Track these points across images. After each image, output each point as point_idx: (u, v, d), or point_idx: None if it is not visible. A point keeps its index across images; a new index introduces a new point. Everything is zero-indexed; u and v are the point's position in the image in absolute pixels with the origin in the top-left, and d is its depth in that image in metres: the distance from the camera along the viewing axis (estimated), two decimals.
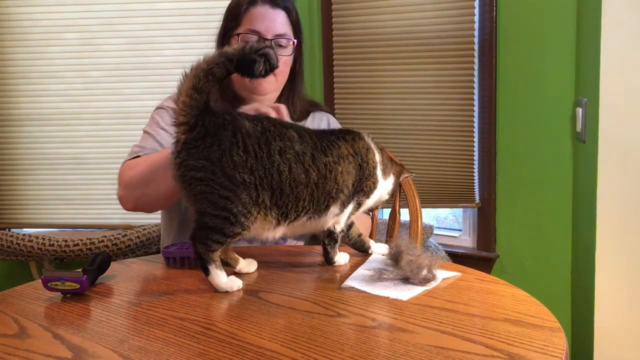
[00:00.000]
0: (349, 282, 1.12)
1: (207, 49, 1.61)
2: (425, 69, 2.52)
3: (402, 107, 2.59)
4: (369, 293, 1.07)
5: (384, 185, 1.26)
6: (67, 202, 2.99)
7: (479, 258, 2.56)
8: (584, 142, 2.09)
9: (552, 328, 0.91)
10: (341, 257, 1.25)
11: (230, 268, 1.19)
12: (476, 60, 2.43)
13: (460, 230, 2.74)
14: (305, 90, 1.69)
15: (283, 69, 1.56)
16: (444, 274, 1.15)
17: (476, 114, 2.47)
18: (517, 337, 0.87)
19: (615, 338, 1.94)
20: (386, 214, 2.20)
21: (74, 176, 2.97)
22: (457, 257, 2.50)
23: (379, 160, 1.24)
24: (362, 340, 0.89)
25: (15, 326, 0.99)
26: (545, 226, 2.42)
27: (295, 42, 1.56)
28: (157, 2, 2.83)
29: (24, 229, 3.04)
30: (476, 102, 2.46)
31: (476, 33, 2.41)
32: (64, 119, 2.93)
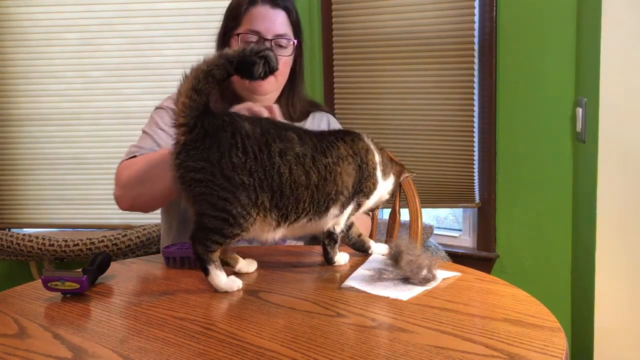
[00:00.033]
0: (349, 282, 1.12)
1: (207, 49, 1.61)
2: (425, 69, 2.52)
3: (402, 107, 2.59)
4: (369, 293, 1.07)
5: (384, 186, 1.26)
6: (67, 202, 2.99)
7: (479, 258, 2.56)
8: (584, 142, 2.09)
9: (552, 328, 0.91)
10: (341, 257, 1.25)
11: (230, 268, 1.19)
12: (476, 60, 2.43)
13: (460, 230, 2.74)
14: (305, 91, 1.69)
15: (283, 69, 1.56)
16: (444, 274, 1.15)
17: (476, 114, 2.47)
18: (517, 337, 0.87)
19: (615, 338, 1.94)
20: (386, 214, 2.20)
21: (74, 176, 2.97)
22: (457, 257, 2.50)
23: (378, 161, 1.24)
24: (362, 340, 0.89)
25: (15, 326, 0.98)
26: (545, 226, 2.42)
27: (295, 42, 1.56)
28: (157, 2, 2.83)
29: (24, 229, 3.04)
30: (476, 102, 2.47)
31: (476, 33, 2.41)
32: (64, 119, 2.93)
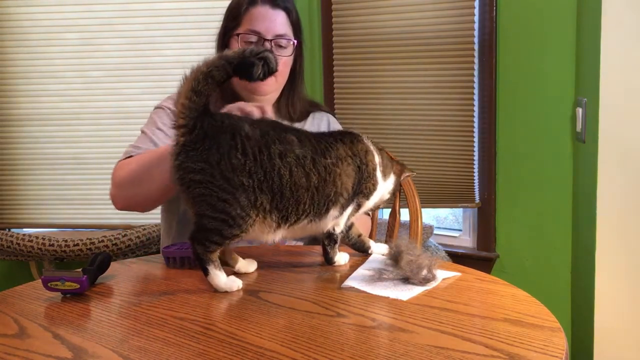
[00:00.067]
0: (349, 282, 1.12)
1: (207, 49, 1.62)
2: (425, 69, 2.52)
3: (402, 107, 2.59)
4: (369, 293, 1.07)
5: (385, 186, 1.26)
6: (67, 202, 2.99)
7: (479, 258, 2.56)
8: (584, 142, 2.09)
9: (552, 328, 0.91)
10: (341, 257, 1.25)
11: (230, 268, 1.19)
12: (476, 60, 2.43)
13: (460, 230, 2.74)
14: (305, 91, 1.69)
15: (283, 69, 1.56)
16: (444, 274, 1.15)
17: (476, 114, 2.47)
18: (517, 337, 0.87)
19: (615, 338, 1.94)
20: (386, 214, 2.20)
21: (74, 176, 2.97)
22: (457, 257, 2.50)
23: (378, 162, 1.24)
24: (362, 340, 0.89)
25: (15, 326, 0.98)
26: (545, 226, 2.42)
27: (295, 42, 1.56)
28: (157, 2, 2.83)
29: (24, 229, 3.04)
30: (476, 102, 2.47)
31: (476, 33, 2.41)
32: (64, 119, 2.93)
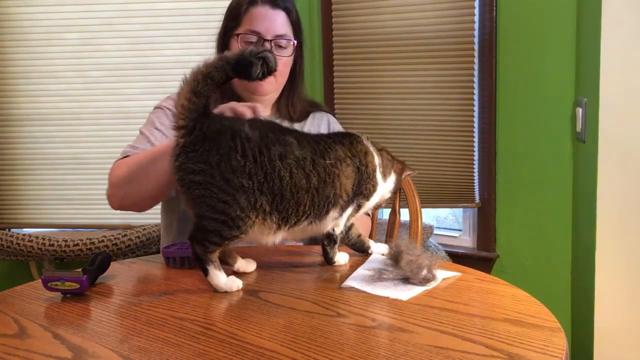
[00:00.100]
0: (349, 282, 1.12)
1: (207, 49, 1.62)
2: (425, 69, 2.52)
3: (402, 107, 2.59)
4: (369, 293, 1.07)
5: (385, 187, 1.26)
6: (67, 202, 2.99)
7: (479, 258, 2.56)
8: (584, 142, 2.09)
9: (552, 328, 0.91)
10: (341, 257, 1.25)
11: (229, 267, 1.19)
12: (476, 60, 2.43)
13: (460, 230, 2.74)
14: (305, 91, 1.69)
15: (283, 69, 1.56)
16: (444, 274, 1.15)
17: (476, 114, 2.47)
18: (517, 337, 0.87)
19: (615, 338, 1.94)
20: (386, 214, 2.20)
21: (74, 176, 2.97)
22: (457, 257, 2.50)
23: (378, 163, 1.23)
24: (362, 340, 0.89)
25: (15, 326, 0.99)
26: (545, 226, 2.42)
27: (295, 42, 1.56)
28: (157, 2, 2.83)
29: (24, 229, 3.03)
30: (476, 102, 2.46)
31: (476, 33, 2.41)
32: (64, 119, 2.93)
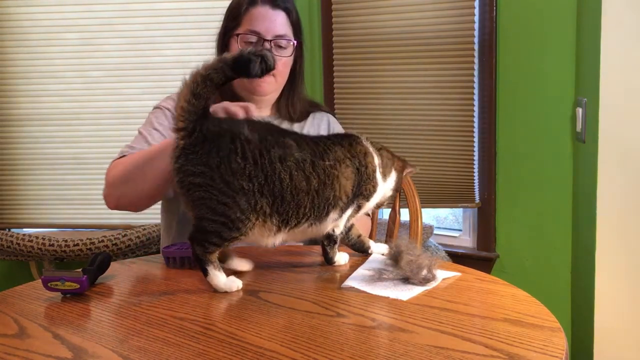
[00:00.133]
0: (349, 282, 1.12)
1: (207, 49, 1.62)
2: (425, 69, 2.52)
3: (402, 107, 2.59)
4: (369, 293, 1.07)
5: (385, 186, 1.26)
6: (67, 202, 2.99)
7: (479, 258, 2.56)
8: (584, 142, 2.09)
9: (552, 328, 0.91)
10: (341, 257, 1.25)
11: (226, 266, 1.19)
12: (476, 60, 2.43)
13: (460, 230, 2.74)
14: (305, 91, 1.69)
15: (283, 69, 1.56)
16: (444, 274, 1.15)
17: (476, 114, 2.47)
18: (517, 337, 0.87)
19: (615, 338, 1.94)
20: (386, 214, 2.20)
21: (74, 176, 2.97)
22: (457, 257, 2.50)
23: (378, 163, 1.23)
24: (362, 340, 0.89)
25: (15, 326, 0.99)
26: (545, 226, 2.42)
27: (295, 43, 1.56)
28: (157, 2, 2.83)
29: (24, 229, 3.03)
30: (476, 102, 2.46)
31: (476, 33, 2.41)
32: (64, 119, 2.93)
